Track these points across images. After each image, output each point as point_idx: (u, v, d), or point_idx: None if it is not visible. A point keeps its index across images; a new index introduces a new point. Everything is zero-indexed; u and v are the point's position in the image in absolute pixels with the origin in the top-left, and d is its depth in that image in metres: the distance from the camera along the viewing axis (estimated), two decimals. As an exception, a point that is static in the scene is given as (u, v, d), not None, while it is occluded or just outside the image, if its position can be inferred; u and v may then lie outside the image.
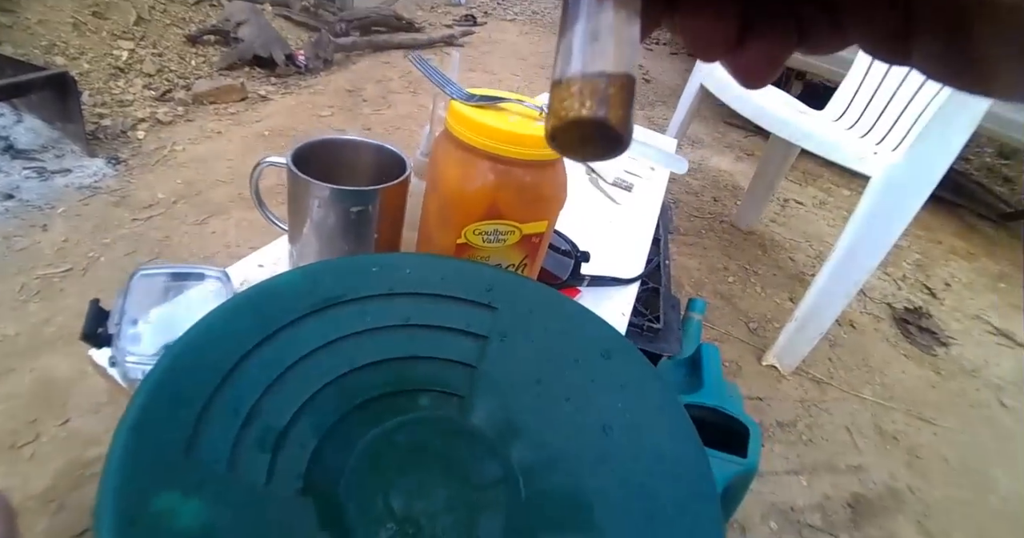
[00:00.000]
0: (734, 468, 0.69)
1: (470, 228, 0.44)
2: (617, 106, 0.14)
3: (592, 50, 0.15)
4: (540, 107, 0.44)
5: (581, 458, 0.38)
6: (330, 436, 0.36)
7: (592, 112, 0.14)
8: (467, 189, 0.42)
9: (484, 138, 0.41)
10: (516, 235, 0.45)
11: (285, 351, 0.36)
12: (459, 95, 0.43)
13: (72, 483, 0.90)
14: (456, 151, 0.42)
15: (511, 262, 0.48)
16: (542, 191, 0.44)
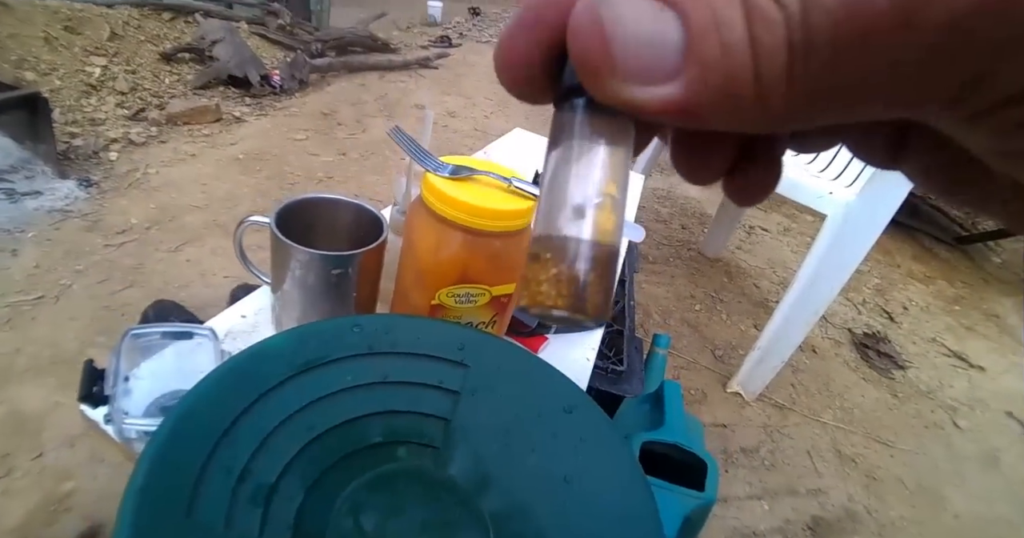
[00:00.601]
0: (693, 502, 0.74)
1: (443, 291, 0.47)
2: (596, 292, 0.13)
3: (578, 218, 0.14)
4: (509, 179, 0.48)
5: (545, 507, 0.42)
6: (316, 489, 0.39)
7: (568, 305, 0.13)
8: (441, 257, 0.46)
9: (456, 211, 0.45)
10: (486, 297, 0.49)
11: (273, 411, 0.39)
12: (434, 168, 0.47)
13: (47, 519, 0.91)
14: (430, 221, 0.46)
15: (482, 320, 0.51)
16: (511, 258, 0.48)
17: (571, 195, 0.14)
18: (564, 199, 0.14)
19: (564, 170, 0.15)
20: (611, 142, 0.15)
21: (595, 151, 0.15)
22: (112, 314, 1.35)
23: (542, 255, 0.14)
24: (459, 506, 0.42)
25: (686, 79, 0.12)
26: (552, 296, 0.13)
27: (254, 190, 2.02)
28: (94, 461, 1.00)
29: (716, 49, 0.11)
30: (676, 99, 0.12)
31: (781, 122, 0.12)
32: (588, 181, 0.14)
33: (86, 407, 0.43)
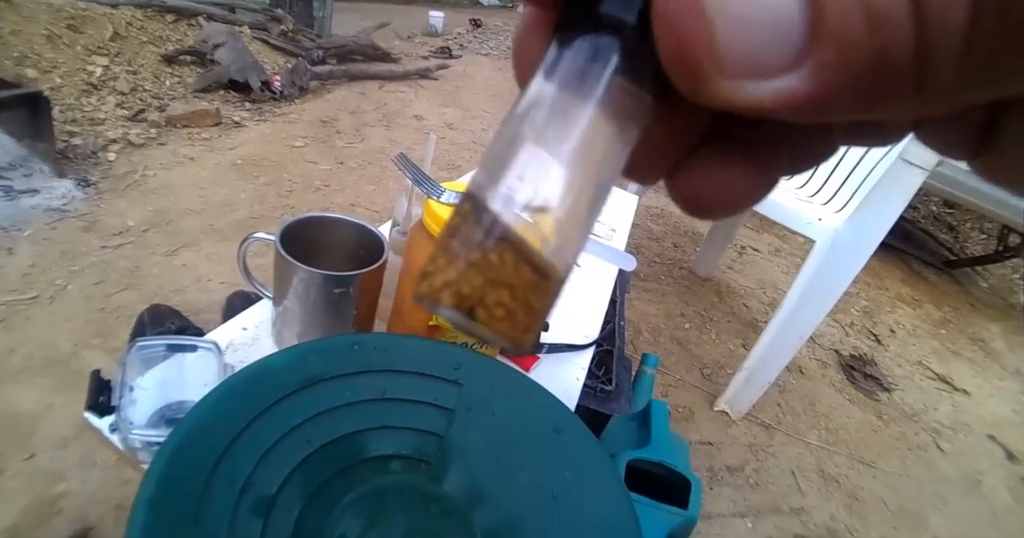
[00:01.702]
0: (676, 519, 0.75)
1: (442, 312, 0.49)
2: (510, 311, 0.11)
3: (522, 201, 0.11)
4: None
5: (533, 523, 0.43)
6: (314, 500, 0.41)
7: (463, 309, 0.11)
8: (441, 280, 0.48)
9: (457, 236, 0.47)
10: (483, 318, 0.51)
11: (275, 426, 0.41)
12: (436, 194, 0.49)
13: (37, 520, 0.91)
14: (430, 244, 0.48)
15: (477, 340, 0.53)
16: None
17: (525, 161, 0.11)
18: (515, 160, 0.11)
19: (540, 120, 0.12)
20: (622, 123, 0.12)
21: (597, 125, 0.11)
22: (107, 316, 1.35)
23: (462, 220, 0.11)
24: (451, 520, 0.43)
25: (815, 64, 0.10)
26: (444, 294, 0.11)
27: (252, 196, 2.04)
28: (86, 464, 1.01)
29: (859, 21, 0.09)
30: (802, 91, 0.10)
31: (944, 102, 0.10)
32: (563, 156, 0.11)
33: (92, 416, 0.45)
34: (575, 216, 0.12)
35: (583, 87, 0.12)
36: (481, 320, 0.11)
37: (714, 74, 0.11)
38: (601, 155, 0.12)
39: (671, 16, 0.11)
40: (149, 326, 1.07)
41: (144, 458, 0.44)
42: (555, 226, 0.11)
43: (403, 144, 2.76)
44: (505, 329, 0.11)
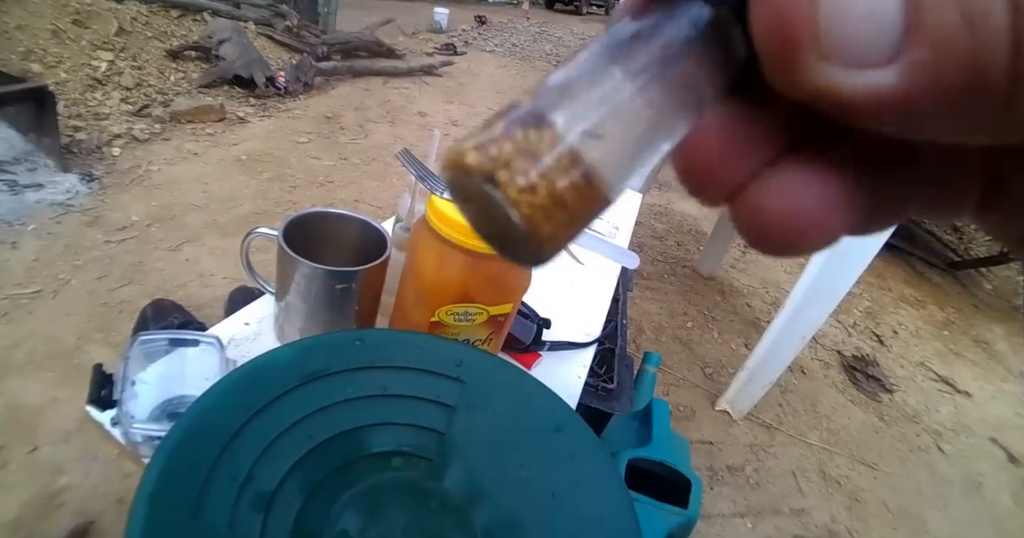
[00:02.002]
0: (676, 518, 0.75)
1: (443, 309, 0.49)
2: (557, 210, 0.10)
3: (593, 122, 0.10)
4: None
5: (533, 521, 0.43)
6: (314, 495, 0.41)
7: (511, 187, 0.10)
8: (442, 277, 0.48)
9: (459, 234, 0.47)
10: (484, 316, 0.51)
11: (276, 420, 0.41)
12: (440, 190, 0.49)
13: (40, 513, 0.92)
14: (434, 242, 0.48)
15: (479, 337, 0.53)
16: (509, 281, 0.50)
17: (608, 86, 0.11)
18: (599, 84, 0.11)
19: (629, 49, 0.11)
20: (686, 96, 0.11)
21: (664, 88, 0.11)
22: (110, 311, 1.36)
23: (527, 130, 0.10)
24: (451, 517, 0.43)
25: (910, 61, 0.09)
26: (493, 167, 0.10)
27: (255, 191, 2.04)
28: (87, 458, 1.01)
29: (955, 19, 0.09)
30: (895, 88, 0.09)
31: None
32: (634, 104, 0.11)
33: (94, 410, 0.45)
34: (627, 158, 0.11)
35: (659, 50, 0.11)
36: (502, 184, 0.10)
37: (811, 54, 0.10)
38: (658, 118, 0.11)
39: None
40: (152, 321, 1.07)
41: (145, 452, 0.44)
42: (609, 154, 0.11)
43: (407, 140, 2.76)
44: (529, 211, 0.10)
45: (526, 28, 7.03)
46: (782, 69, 0.10)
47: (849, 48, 0.09)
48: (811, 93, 0.10)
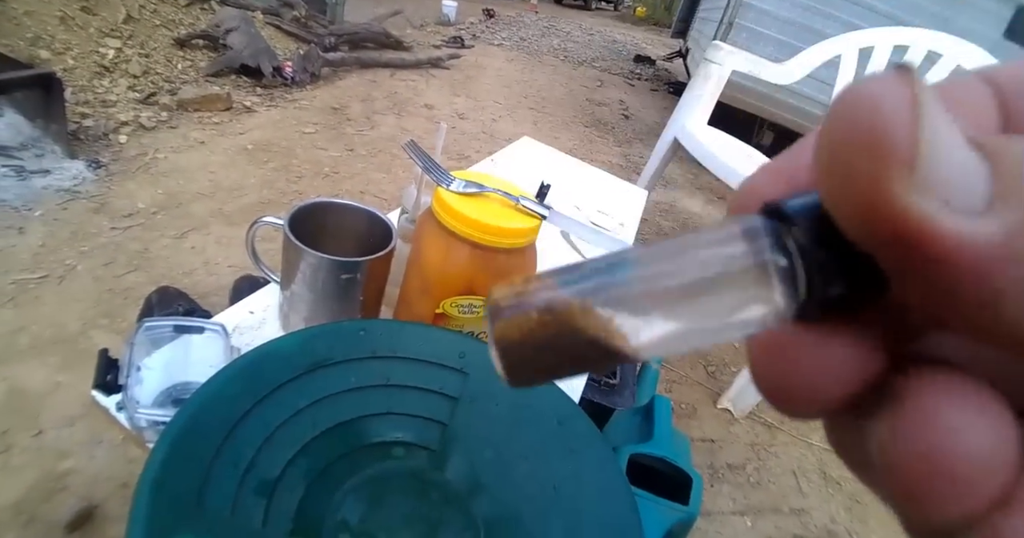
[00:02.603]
0: (676, 515, 0.76)
1: (448, 301, 0.49)
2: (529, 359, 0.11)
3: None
4: (517, 198, 0.50)
5: (534, 514, 0.44)
6: (317, 483, 0.41)
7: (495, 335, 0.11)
8: (447, 269, 0.48)
9: (465, 226, 0.47)
10: (489, 308, 0.51)
11: (280, 408, 0.41)
12: (446, 182, 0.49)
13: (43, 496, 0.92)
14: (439, 234, 0.48)
15: (483, 330, 0.53)
16: (514, 273, 0.50)
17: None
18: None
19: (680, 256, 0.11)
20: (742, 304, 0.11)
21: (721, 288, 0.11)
22: (115, 297, 1.36)
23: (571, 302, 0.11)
24: (452, 507, 0.44)
25: (1002, 217, 0.08)
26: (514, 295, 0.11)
27: (261, 181, 2.04)
28: (92, 442, 1.02)
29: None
30: (992, 235, 0.08)
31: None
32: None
33: (99, 395, 0.45)
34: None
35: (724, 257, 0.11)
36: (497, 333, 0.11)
37: (905, 180, 0.08)
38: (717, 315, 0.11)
39: (868, 98, 0.09)
40: (157, 308, 1.07)
41: (150, 437, 0.44)
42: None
43: (413, 132, 2.76)
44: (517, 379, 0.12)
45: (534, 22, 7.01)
46: (866, 189, 0.09)
47: (950, 184, 0.08)
48: (897, 228, 0.09)
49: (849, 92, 0.09)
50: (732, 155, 1.51)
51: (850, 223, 0.09)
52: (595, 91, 4.51)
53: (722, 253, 0.11)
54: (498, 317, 0.11)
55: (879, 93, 0.09)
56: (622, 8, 12.52)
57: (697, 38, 4.28)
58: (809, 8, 2.70)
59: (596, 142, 3.40)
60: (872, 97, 0.09)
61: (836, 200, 0.10)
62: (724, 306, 0.11)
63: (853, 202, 0.09)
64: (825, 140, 0.09)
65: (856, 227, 0.09)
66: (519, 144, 1.31)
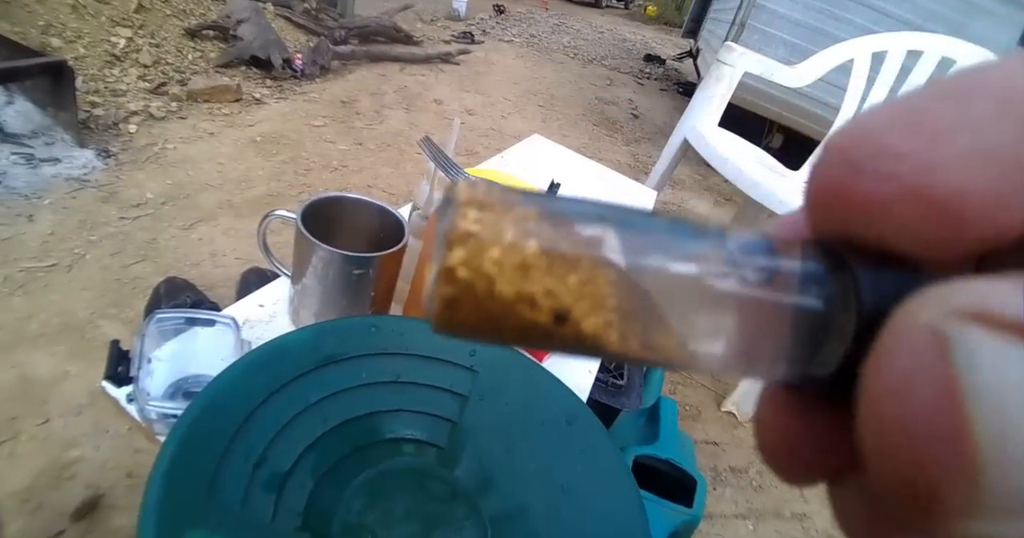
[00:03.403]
0: (680, 517, 0.76)
1: (460, 298, 0.49)
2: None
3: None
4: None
5: (542, 513, 0.44)
6: (326, 478, 0.41)
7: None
8: (461, 268, 0.48)
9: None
10: (501, 306, 0.51)
11: (290, 403, 0.41)
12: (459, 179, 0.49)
13: (50, 483, 0.93)
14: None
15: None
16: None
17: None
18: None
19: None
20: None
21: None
22: (123, 287, 1.37)
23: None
24: (460, 505, 0.43)
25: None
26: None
27: (269, 173, 2.04)
28: (99, 431, 1.02)
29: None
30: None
31: None
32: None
33: (110, 386, 0.45)
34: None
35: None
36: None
37: (961, 514, 0.07)
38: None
39: (897, 422, 0.08)
40: (165, 298, 1.08)
41: (160, 429, 0.44)
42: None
43: (422, 128, 2.76)
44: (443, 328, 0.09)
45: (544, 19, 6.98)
46: (908, 515, 0.08)
47: (1014, 499, 0.07)
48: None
49: (879, 392, 0.08)
50: (742, 157, 1.51)
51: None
52: (604, 89, 4.50)
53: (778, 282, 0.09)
54: (462, 244, 0.09)
55: (900, 395, 0.08)
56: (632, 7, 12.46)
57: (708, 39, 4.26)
58: (822, 11, 2.69)
59: (605, 141, 3.39)
60: (905, 410, 0.08)
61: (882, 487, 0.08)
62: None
63: (903, 508, 0.08)
64: (869, 444, 0.08)
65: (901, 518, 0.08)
66: (529, 141, 1.31)
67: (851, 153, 0.10)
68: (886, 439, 0.08)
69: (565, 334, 0.09)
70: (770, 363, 0.10)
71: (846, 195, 0.10)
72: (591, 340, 0.09)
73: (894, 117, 0.09)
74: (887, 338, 0.08)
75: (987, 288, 0.08)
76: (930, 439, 0.07)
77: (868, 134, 0.10)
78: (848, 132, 0.10)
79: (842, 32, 2.55)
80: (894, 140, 0.09)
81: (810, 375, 0.10)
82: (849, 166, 0.10)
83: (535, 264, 0.09)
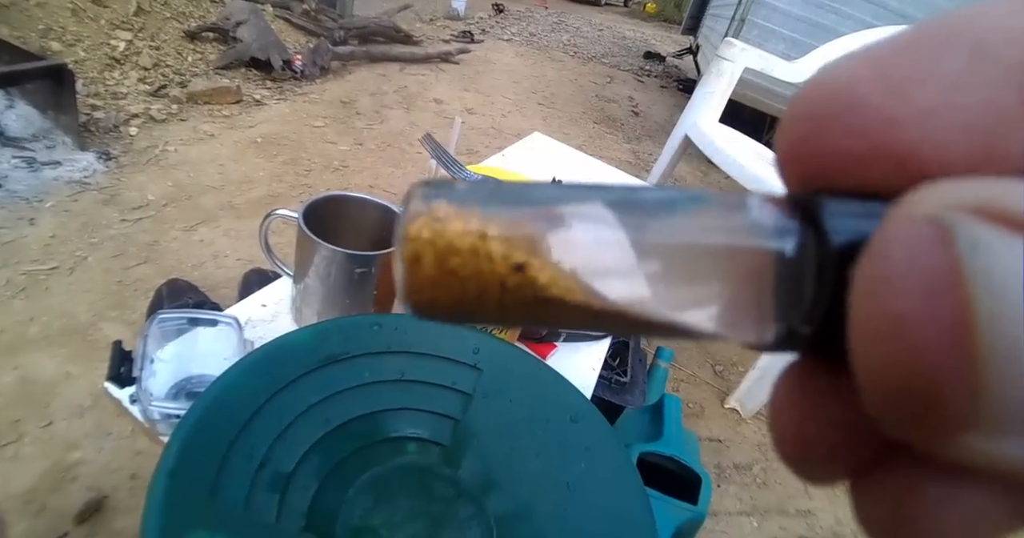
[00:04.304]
0: (685, 514, 0.75)
1: (463, 296, 0.49)
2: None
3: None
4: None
5: (547, 512, 0.43)
6: (330, 478, 0.41)
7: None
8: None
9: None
10: (504, 304, 0.51)
11: (294, 403, 0.41)
12: (461, 177, 0.49)
13: (53, 485, 0.93)
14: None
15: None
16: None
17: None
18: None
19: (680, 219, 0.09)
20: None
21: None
22: (125, 289, 1.37)
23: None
24: (465, 504, 0.43)
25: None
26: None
27: (270, 174, 2.04)
28: (101, 433, 1.02)
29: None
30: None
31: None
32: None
33: (112, 387, 0.45)
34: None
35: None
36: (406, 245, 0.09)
37: (963, 426, 0.07)
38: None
39: (903, 335, 0.07)
40: (167, 300, 1.08)
41: (163, 430, 0.44)
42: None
43: (423, 127, 2.75)
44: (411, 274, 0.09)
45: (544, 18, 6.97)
46: (928, 441, 0.07)
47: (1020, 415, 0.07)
48: (954, 459, 0.07)
49: (873, 294, 0.07)
50: (743, 153, 1.50)
51: (889, 432, 0.08)
52: (604, 87, 4.49)
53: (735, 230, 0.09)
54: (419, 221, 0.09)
55: (913, 309, 0.07)
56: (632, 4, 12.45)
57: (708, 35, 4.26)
58: (822, 6, 2.68)
59: (605, 138, 3.39)
60: (904, 313, 0.07)
61: (880, 410, 0.08)
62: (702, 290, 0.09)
63: (896, 427, 0.08)
64: (860, 356, 0.08)
65: (895, 437, 0.08)
66: (530, 139, 1.30)
67: (818, 108, 0.09)
68: (879, 332, 0.07)
69: (524, 286, 0.09)
70: (753, 321, 0.09)
71: (814, 150, 0.10)
72: (556, 294, 0.09)
73: (862, 68, 0.09)
74: (880, 232, 0.08)
75: (989, 185, 0.07)
76: (928, 327, 0.07)
77: (835, 88, 0.09)
78: (815, 85, 0.10)
79: (842, 27, 2.54)
80: (861, 94, 0.09)
81: (797, 334, 0.09)
82: (816, 121, 0.09)
83: (491, 236, 0.09)
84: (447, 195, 0.09)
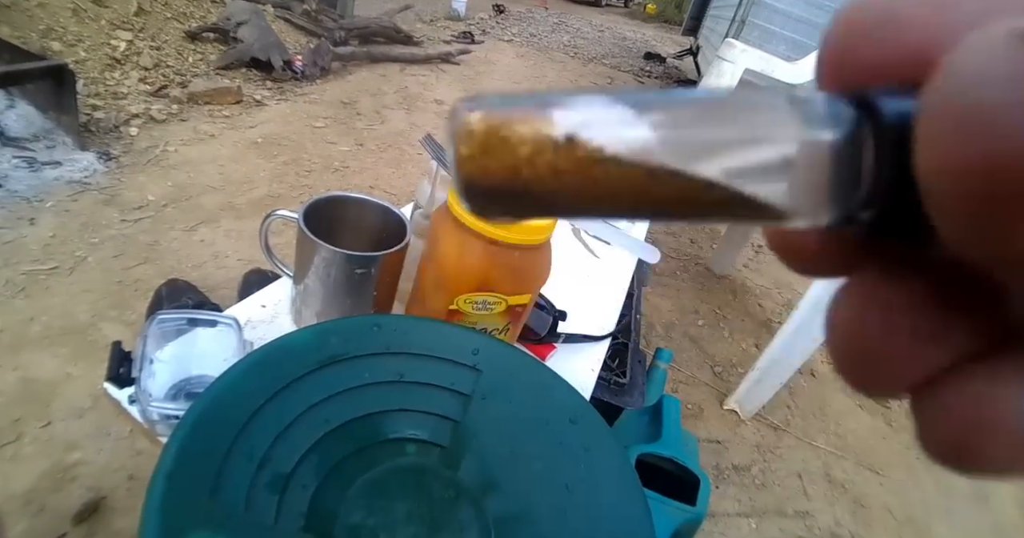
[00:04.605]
0: (684, 515, 0.75)
1: (462, 298, 0.49)
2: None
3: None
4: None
5: (546, 513, 0.43)
6: (329, 479, 0.41)
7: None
8: (462, 265, 0.48)
9: (481, 222, 0.46)
10: (503, 305, 0.51)
11: (293, 403, 0.41)
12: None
13: (53, 486, 0.93)
14: (455, 229, 0.48)
15: (496, 326, 0.53)
16: (529, 271, 0.50)
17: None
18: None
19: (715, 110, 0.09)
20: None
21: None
22: (125, 289, 1.37)
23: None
24: (464, 505, 0.43)
25: None
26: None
27: (270, 175, 2.04)
28: (100, 434, 1.02)
29: None
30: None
31: None
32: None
33: (112, 387, 0.45)
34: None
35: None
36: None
37: None
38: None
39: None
40: (167, 300, 1.08)
41: (162, 430, 0.44)
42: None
43: (423, 128, 2.76)
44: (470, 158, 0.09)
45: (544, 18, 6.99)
46: (991, 243, 0.07)
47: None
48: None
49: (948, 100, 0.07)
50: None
51: (965, 248, 0.08)
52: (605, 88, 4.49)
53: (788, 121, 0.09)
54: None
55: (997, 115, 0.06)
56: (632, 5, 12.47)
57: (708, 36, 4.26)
58: (822, 7, 2.68)
59: (605, 140, 3.39)
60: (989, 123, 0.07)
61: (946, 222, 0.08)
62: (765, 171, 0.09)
63: (975, 236, 0.07)
64: (943, 158, 0.07)
65: (975, 255, 0.07)
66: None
67: (859, 19, 0.10)
68: (967, 128, 0.07)
69: (578, 153, 0.09)
70: (812, 205, 0.10)
71: (855, 59, 0.10)
72: (613, 163, 0.09)
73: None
74: (951, 54, 0.07)
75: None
76: (1009, 113, 0.06)
77: (875, 2, 0.10)
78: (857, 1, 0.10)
79: (843, 29, 2.54)
80: (901, 6, 0.09)
81: (856, 218, 0.10)
82: (857, 32, 0.10)
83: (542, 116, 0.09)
84: (493, 101, 0.09)
